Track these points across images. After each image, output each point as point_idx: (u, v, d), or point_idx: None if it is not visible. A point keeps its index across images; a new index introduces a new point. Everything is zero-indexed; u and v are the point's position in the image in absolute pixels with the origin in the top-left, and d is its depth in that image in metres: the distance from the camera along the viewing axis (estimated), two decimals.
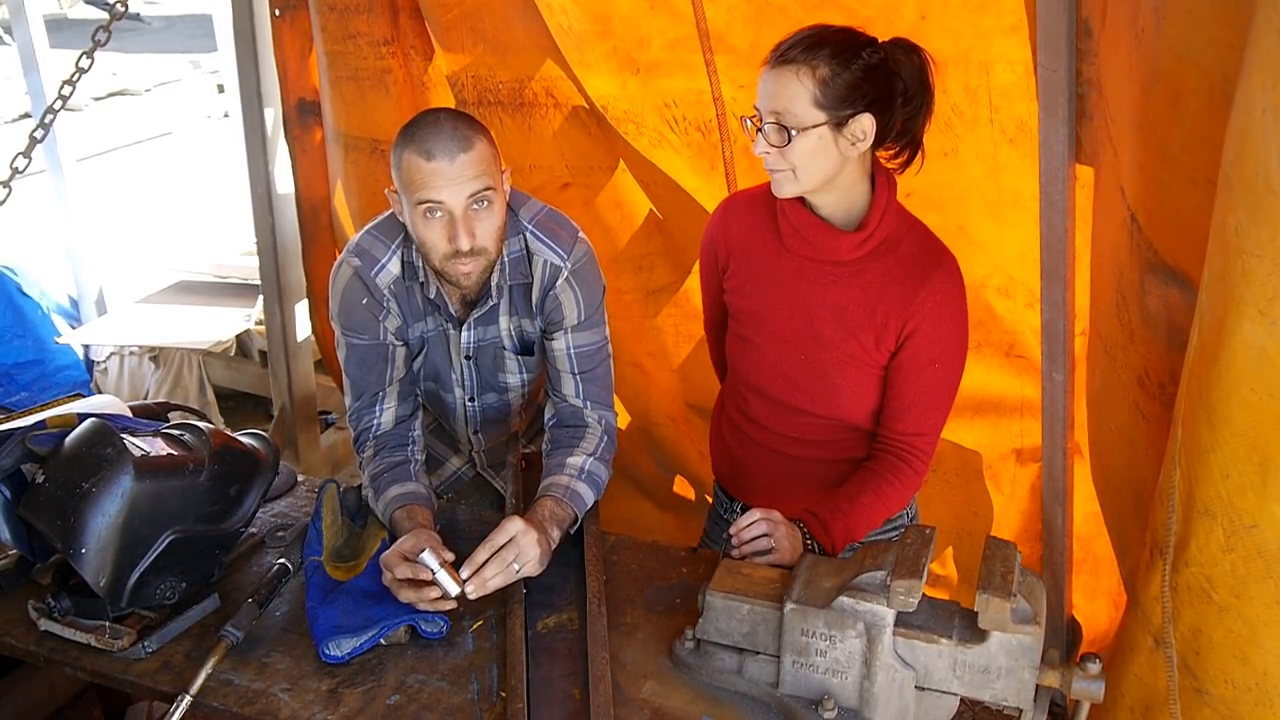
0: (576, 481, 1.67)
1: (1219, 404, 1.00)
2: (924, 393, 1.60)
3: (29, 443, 1.53)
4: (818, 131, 1.44)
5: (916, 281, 1.53)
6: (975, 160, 1.89)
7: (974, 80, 1.81)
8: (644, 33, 2.05)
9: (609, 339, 1.79)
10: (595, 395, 1.77)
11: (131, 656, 1.46)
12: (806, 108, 1.43)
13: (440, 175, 1.50)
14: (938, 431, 1.65)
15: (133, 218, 6.49)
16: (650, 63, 2.08)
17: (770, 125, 1.45)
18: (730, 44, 2.00)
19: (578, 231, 1.72)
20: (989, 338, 2.09)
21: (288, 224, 3.09)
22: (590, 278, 1.71)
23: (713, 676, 1.38)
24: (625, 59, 2.10)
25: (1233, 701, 1.09)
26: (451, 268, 1.57)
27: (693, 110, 2.11)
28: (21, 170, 2.56)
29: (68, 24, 13.47)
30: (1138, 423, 1.37)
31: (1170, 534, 1.10)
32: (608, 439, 1.76)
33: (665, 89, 2.10)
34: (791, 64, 1.42)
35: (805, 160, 1.46)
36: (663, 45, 2.05)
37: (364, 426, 1.76)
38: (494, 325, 1.76)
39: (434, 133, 1.50)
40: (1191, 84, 1.11)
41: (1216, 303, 0.98)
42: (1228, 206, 0.95)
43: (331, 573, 1.57)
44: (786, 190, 1.51)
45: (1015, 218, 1.92)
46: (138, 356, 3.98)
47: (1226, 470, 1.01)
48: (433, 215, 1.53)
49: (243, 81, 2.95)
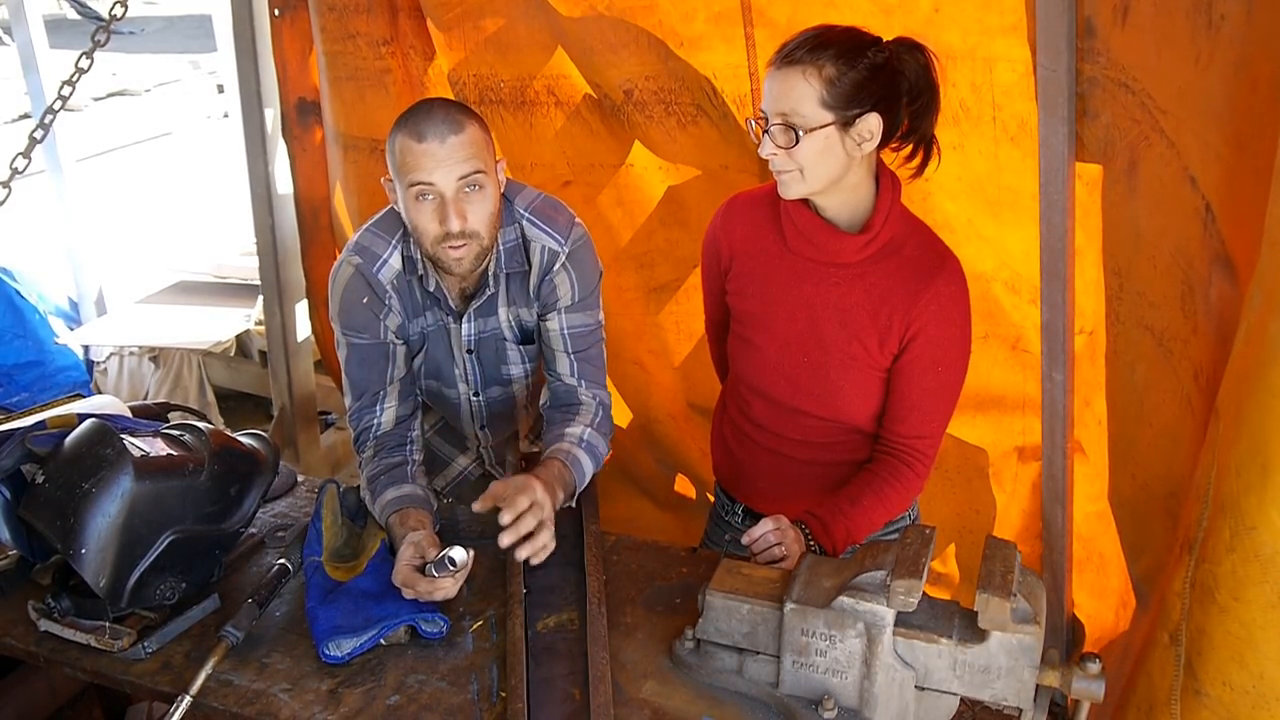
0: (577, 449, 1.69)
1: (1243, 400, 1.00)
2: (926, 396, 1.59)
3: (29, 443, 1.53)
4: (825, 132, 1.44)
5: (920, 284, 1.53)
6: (979, 157, 1.89)
7: (979, 77, 1.82)
8: (691, 6, 2.08)
9: (603, 324, 1.81)
10: (590, 375, 1.79)
11: (131, 657, 1.46)
12: (813, 108, 1.43)
13: (430, 156, 1.51)
14: (939, 434, 1.64)
15: (133, 218, 6.50)
16: (694, 36, 2.11)
17: (777, 126, 1.45)
18: (770, 18, 2.02)
19: (574, 217, 1.74)
20: (996, 329, 2.10)
21: (288, 224, 3.09)
22: (586, 261, 1.73)
23: (713, 676, 1.38)
24: (670, 32, 2.12)
25: (1230, 704, 1.09)
26: (443, 252, 1.58)
27: (730, 84, 2.14)
28: (21, 170, 2.56)
29: (68, 24, 13.47)
30: (1187, 418, 1.36)
31: (1200, 529, 1.10)
32: (604, 413, 1.79)
33: (707, 61, 2.13)
34: (797, 64, 1.42)
35: (812, 160, 1.46)
36: (707, 18, 2.08)
37: (364, 426, 1.76)
38: (493, 316, 1.77)
39: (426, 117, 1.53)
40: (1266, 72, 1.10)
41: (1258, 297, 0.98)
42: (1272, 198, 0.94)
43: (331, 573, 1.57)
44: (793, 191, 1.51)
45: (1015, 216, 1.92)
46: (138, 357, 3.98)
47: (1239, 468, 1.01)
48: (424, 198, 1.55)
49: (242, 81, 2.95)
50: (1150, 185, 1.48)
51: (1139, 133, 1.47)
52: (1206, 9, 1.21)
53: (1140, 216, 1.52)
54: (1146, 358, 1.53)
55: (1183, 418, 1.37)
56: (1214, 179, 1.28)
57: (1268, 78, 1.08)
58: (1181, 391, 1.38)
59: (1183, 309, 1.39)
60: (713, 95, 2.15)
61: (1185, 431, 1.36)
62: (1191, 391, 1.35)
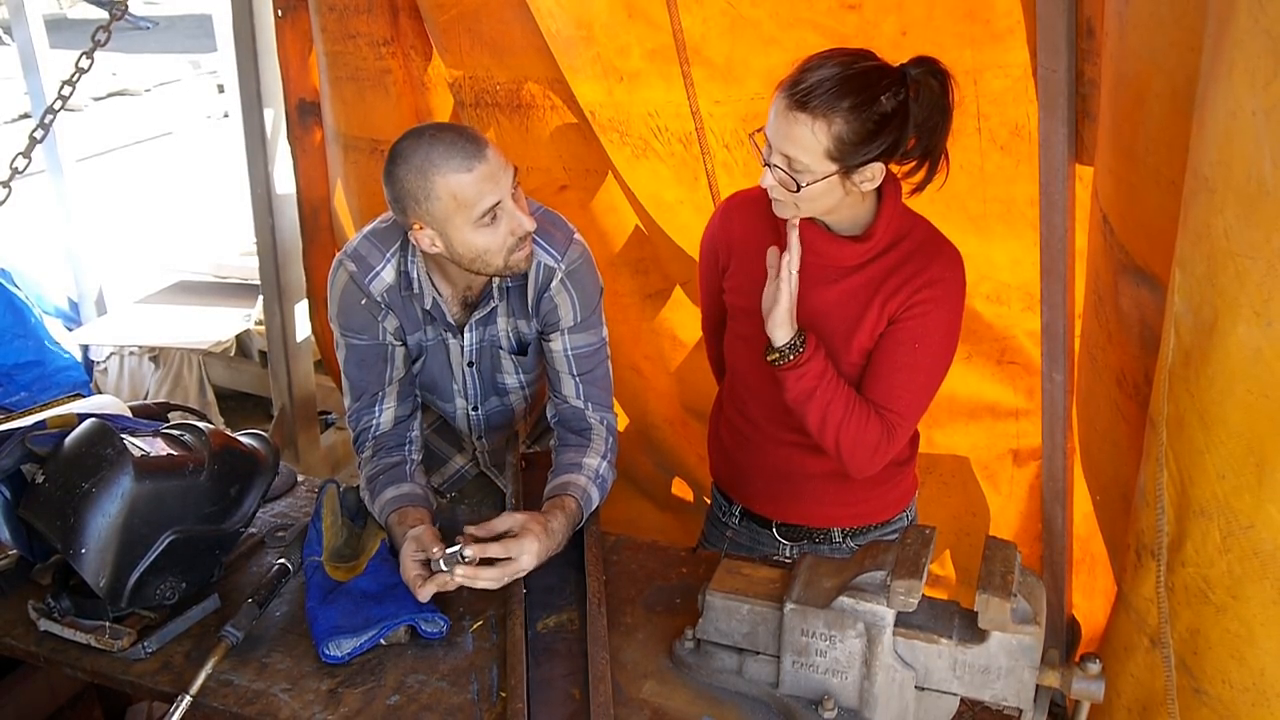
0: (592, 485, 1.68)
1: (1213, 405, 1.00)
2: (900, 369, 1.56)
3: (29, 443, 1.53)
4: (827, 180, 1.43)
5: (916, 269, 1.53)
6: (961, 172, 1.87)
7: (961, 91, 1.80)
8: (624, 41, 2.04)
9: (607, 341, 1.79)
10: (596, 397, 1.77)
11: (131, 657, 1.46)
12: (818, 159, 1.41)
13: (488, 178, 1.49)
14: (908, 414, 1.59)
15: (133, 218, 6.49)
16: (632, 71, 2.07)
17: (778, 168, 1.44)
18: (706, 56, 1.98)
19: (573, 232, 1.71)
20: (979, 348, 2.09)
21: (288, 224, 3.09)
22: (586, 279, 1.71)
23: (713, 676, 1.38)
24: (609, 66, 2.09)
25: (1230, 701, 1.09)
26: (515, 258, 1.57)
27: (674, 122, 2.10)
28: (21, 170, 2.56)
29: (68, 24, 13.48)
30: (1119, 423, 1.38)
31: (1162, 535, 1.10)
32: (612, 440, 1.77)
33: (648, 98, 2.09)
34: (807, 112, 1.39)
35: (812, 198, 1.46)
36: (642, 55, 2.04)
37: (363, 427, 1.75)
38: (493, 326, 1.76)
39: (451, 149, 1.48)
40: (1154, 87, 1.12)
41: (1203, 305, 0.98)
42: (1212, 209, 0.95)
43: (331, 573, 1.57)
44: (787, 213, 1.51)
45: (1004, 228, 1.91)
46: (138, 357, 3.98)
47: (1222, 471, 1.01)
48: (493, 220, 1.52)
49: (243, 82, 2.95)
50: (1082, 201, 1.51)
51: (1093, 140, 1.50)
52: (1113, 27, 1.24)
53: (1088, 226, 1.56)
54: (1083, 364, 1.57)
55: (1115, 423, 1.40)
56: (1108, 192, 1.31)
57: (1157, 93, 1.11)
58: (1110, 398, 1.41)
59: (1096, 316, 1.42)
60: (659, 132, 2.12)
61: (1120, 437, 1.38)
62: (1117, 397, 1.37)
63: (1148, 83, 1.14)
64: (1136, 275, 1.24)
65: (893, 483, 1.77)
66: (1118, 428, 1.38)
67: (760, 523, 1.84)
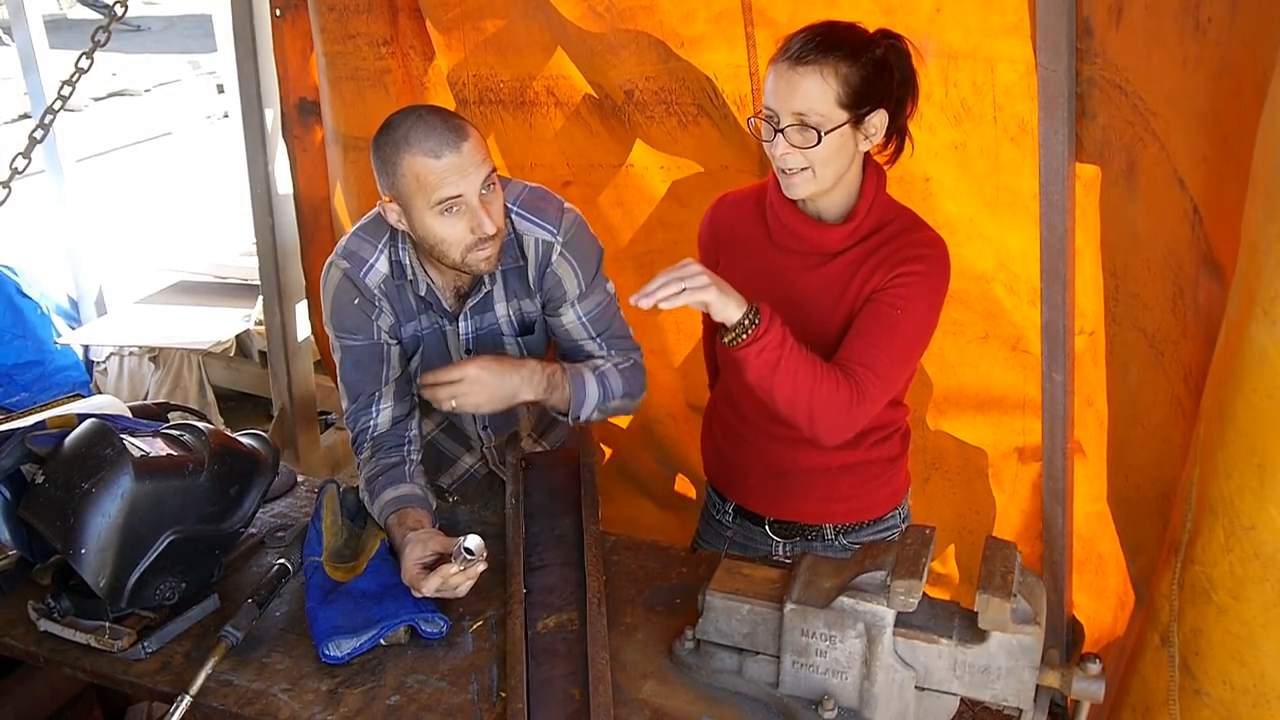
0: (587, 371, 1.71)
1: (1227, 401, 1.00)
2: (880, 331, 1.53)
3: (29, 443, 1.53)
4: (841, 130, 1.46)
5: (898, 248, 1.55)
6: (980, 156, 1.90)
7: (980, 77, 1.82)
8: (691, 6, 2.08)
9: (615, 292, 1.81)
10: (620, 345, 1.81)
11: (131, 657, 1.46)
12: (831, 107, 1.45)
13: (454, 169, 1.51)
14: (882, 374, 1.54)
15: (133, 218, 6.49)
16: (695, 36, 2.12)
17: (793, 126, 1.46)
18: (770, 18, 2.02)
19: (563, 203, 1.73)
20: (996, 330, 2.10)
21: (287, 224, 3.09)
22: (584, 246, 1.73)
23: (713, 676, 1.38)
24: (670, 32, 2.13)
25: (1231, 703, 1.09)
26: (473, 257, 1.58)
27: (730, 84, 2.14)
28: (21, 170, 2.56)
29: (68, 24, 13.47)
30: (1177, 420, 1.36)
31: (1185, 531, 1.10)
32: (635, 362, 1.80)
33: (708, 62, 2.14)
34: (811, 65, 1.44)
35: (826, 158, 1.48)
36: (708, 19, 2.09)
37: (361, 428, 1.75)
38: (490, 312, 1.77)
39: (429, 131, 1.51)
40: (1251, 76, 1.10)
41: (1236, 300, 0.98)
42: (1250, 202, 0.95)
43: (331, 573, 1.57)
44: (801, 191, 1.51)
45: (1014, 217, 1.92)
46: (137, 357, 3.98)
47: (1229, 469, 1.01)
48: (451, 212, 1.54)
49: (242, 81, 2.95)
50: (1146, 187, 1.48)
51: (1134, 134, 1.47)
52: (1194, 11, 1.22)
53: (1138, 218, 1.52)
54: (1140, 359, 1.54)
55: (1173, 419, 1.38)
56: (1200, 181, 1.28)
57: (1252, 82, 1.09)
58: (1172, 393, 1.39)
59: (1173, 311, 1.39)
60: (714, 95, 2.15)
61: (1175, 433, 1.36)
62: (1181, 393, 1.35)
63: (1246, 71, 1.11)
64: (1213, 268, 1.23)
65: (884, 479, 1.78)
66: (1174, 424, 1.37)
67: (753, 520, 1.84)
